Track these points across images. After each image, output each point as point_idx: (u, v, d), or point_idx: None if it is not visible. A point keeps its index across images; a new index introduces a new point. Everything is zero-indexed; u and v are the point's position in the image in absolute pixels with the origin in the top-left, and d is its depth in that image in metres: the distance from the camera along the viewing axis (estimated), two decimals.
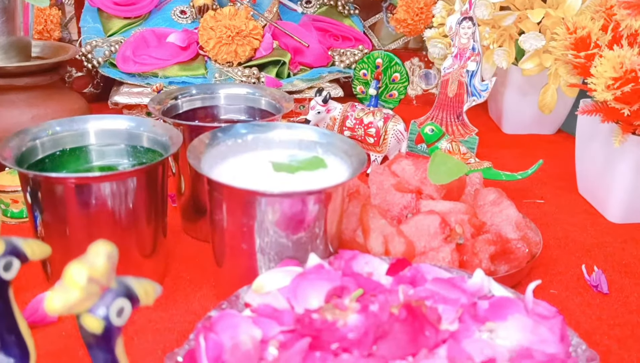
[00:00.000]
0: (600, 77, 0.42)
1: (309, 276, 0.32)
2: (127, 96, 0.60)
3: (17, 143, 0.39)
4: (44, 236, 0.38)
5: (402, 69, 0.66)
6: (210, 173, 0.38)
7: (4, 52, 0.54)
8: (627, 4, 0.41)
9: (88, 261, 0.20)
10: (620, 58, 0.41)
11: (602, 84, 0.42)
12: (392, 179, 0.46)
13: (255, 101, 0.51)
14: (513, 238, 0.41)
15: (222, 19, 0.61)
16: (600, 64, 0.42)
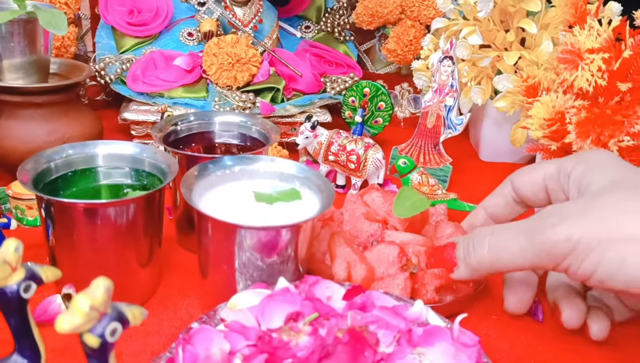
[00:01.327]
0: (535, 118, 0.48)
1: (275, 298, 0.37)
2: (135, 113, 0.66)
3: (33, 165, 0.45)
4: (54, 245, 0.44)
5: (387, 98, 0.72)
6: (199, 201, 0.44)
7: (24, 70, 0.60)
8: (563, 60, 0.47)
9: (90, 293, 0.26)
10: (552, 102, 0.47)
11: (536, 123, 0.48)
12: (363, 208, 0.52)
13: (248, 128, 0.57)
14: None
15: (224, 46, 0.67)
16: (537, 107, 0.48)
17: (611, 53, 0.45)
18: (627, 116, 0.45)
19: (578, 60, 0.46)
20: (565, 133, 0.47)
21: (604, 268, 0.35)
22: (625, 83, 0.45)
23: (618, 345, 0.46)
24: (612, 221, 0.35)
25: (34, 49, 0.59)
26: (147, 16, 0.73)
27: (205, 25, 0.70)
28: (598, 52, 0.45)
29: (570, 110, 0.46)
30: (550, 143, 0.48)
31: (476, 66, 0.68)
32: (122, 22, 0.73)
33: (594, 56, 0.45)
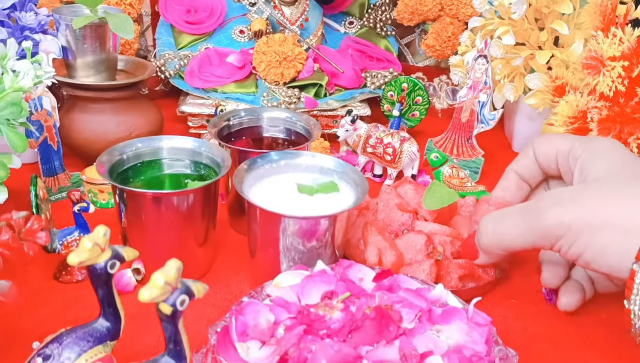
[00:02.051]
0: (560, 116, 0.52)
1: (313, 278, 0.43)
2: (191, 106, 0.72)
3: (108, 158, 0.52)
4: (126, 226, 0.51)
5: (424, 93, 0.76)
6: (249, 192, 0.50)
7: (95, 68, 0.67)
8: (587, 65, 0.50)
9: (165, 271, 0.32)
10: (577, 101, 0.51)
11: (560, 120, 0.52)
12: (396, 199, 0.57)
13: (293, 124, 0.62)
14: None
15: (273, 45, 0.72)
16: (562, 105, 0.52)
17: (631, 61, 0.48)
18: None
19: (600, 66, 0.49)
20: (588, 131, 0.50)
21: (589, 252, 0.39)
22: None
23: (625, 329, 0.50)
24: (601, 210, 0.39)
25: (103, 49, 0.66)
26: (202, 15, 0.79)
27: (256, 24, 0.75)
28: (619, 60, 0.48)
29: (592, 110, 0.50)
30: None
31: (509, 64, 0.71)
32: (180, 21, 0.79)
33: (615, 63, 0.49)
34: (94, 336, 0.36)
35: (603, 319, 0.50)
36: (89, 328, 0.36)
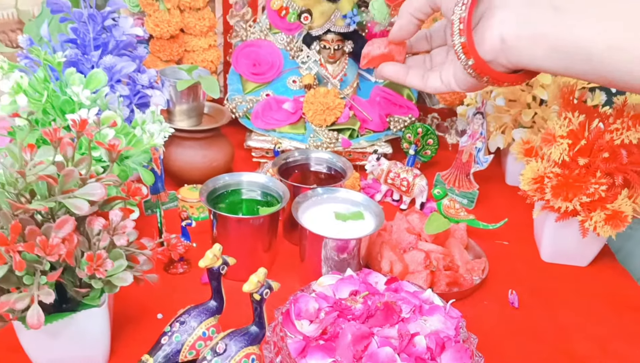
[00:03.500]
0: (525, 177, 0.71)
1: (344, 281, 0.63)
2: (255, 142, 0.93)
3: (205, 189, 0.73)
4: (217, 235, 0.72)
5: (435, 136, 0.95)
6: (301, 217, 0.70)
7: (188, 114, 0.88)
8: (543, 139, 0.69)
9: (257, 273, 0.53)
10: (537, 167, 0.70)
11: (526, 180, 0.71)
12: (405, 224, 0.76)
13: (333, 163, 0.82)
14: (462, 273, 0.71)
15: (318, 96, 0.92)
16: (527, 169, 0.71)
17: (574, 140, 0.67)
18: (584, 183, 0.67)
19: (553, 140, 0.68)
20: (544, 191, 0.69)
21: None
22: (584, 159, 0.67)
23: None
24: None
25: (195, 100, 0.87)
26: (265, 67, 0.99)
27: (306, 79, 0.95)
28: (566, 138, 0.67)
29: (548, 174, 0.69)
30: (535, 195, 0.71)
31: (501, 119, 0.90)
32: (247, 72, 0.99)
33: (563, 140, 0.67)
34: (208, 311, 0.57)
35: (550, 317, 0.69)
36: (205, 306, 0.57)
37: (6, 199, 0.49)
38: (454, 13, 0.59)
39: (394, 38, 0.69)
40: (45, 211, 0.50)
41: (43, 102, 0.59)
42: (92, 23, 0.80)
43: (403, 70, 0.70)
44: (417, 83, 0.70)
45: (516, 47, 0.57)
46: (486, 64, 0.60)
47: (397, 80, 0.71)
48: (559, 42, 0.55)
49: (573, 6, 0.54)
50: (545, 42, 0.56)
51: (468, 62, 0.61)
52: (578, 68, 0.56)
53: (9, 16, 1.06)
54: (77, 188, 0.52)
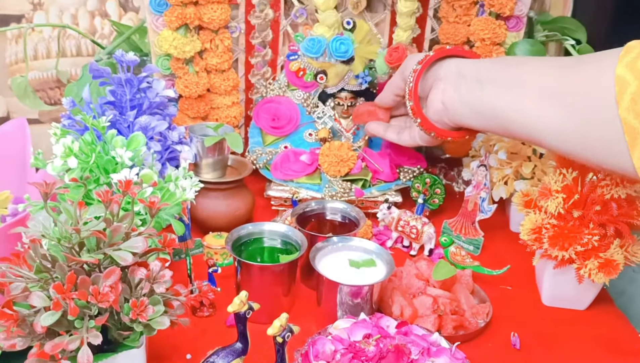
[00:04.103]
0: (525, 228, 0.76)
1: (358, 324, 0.68)
2: (275, 191, 1.00)
3: (230, 238, 0.79)
4: (240, 280, 0.78)
5: (442, 186, 1.01)
6: (318, 264, 0.76)
7: (213, 167, 0.94)
8: (541, 193, 0.75)
9: (280, 318, 0.58)
10: (536, 218, 0.75)
11: (525, 231, 0.76)
12: (415, 270, 0.82)
13: (347, 212, 0.89)
14: (468, 316, 0.76)
15: (333, 149, 0.99)
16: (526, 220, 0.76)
17: (569, 194, 0.73)
18: (578, 233, 0.73)
19: (549, 194, 0.74)
20: (542, 242, 0.75)
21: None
22: (578, 211, 0.73)
23: None
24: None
25: (220, 153, 0.94)
26: (283, 122, 1.06)
27: (322, 133, 1.03)
28: (560, 192, 0.73)
29: (546, 226, 0.74)
30: (534, 244, 0.76)
31: (503, 171, 0.96)
32: (267, 126, 1.07)
33: (558, 194, 0.73)
34: (235, 352, 0.62)
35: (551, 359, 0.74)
36: (232, 347, 0.63)
37: (62, 252, 0.56)
38: (407, 84, 0.84)
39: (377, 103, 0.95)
40: (95, 262, 0.56)
41: (91, 163, 0.67)
42: (129, 86, 0.88)
43: (382, 128, 0.95)
44: (393, 138, 0.94)
45: (452, 110, 0.79)
46: (431, 123, 0.83)
47: (377, 135, 0.96)
48: (478, 106, 0.75)
49: (489, 80, 0.73)
50: (469, 105, 0.76)
51: (417, 120, 0.84)
52: (493, 126, 0.75)
53: (48, 76, 1.15)
54: (122, 241, 0.59)
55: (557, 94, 0.64)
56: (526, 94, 0.67)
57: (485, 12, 0.99)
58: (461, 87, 0.76)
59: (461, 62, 0.78)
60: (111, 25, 1.09)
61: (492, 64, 0.75)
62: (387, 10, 1.09)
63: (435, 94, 0.81)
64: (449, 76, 0.78)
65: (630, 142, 0.55)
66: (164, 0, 0.94)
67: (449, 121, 0.81)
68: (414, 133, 0.87)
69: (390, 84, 0.89)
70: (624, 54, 0.57)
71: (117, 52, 0.88)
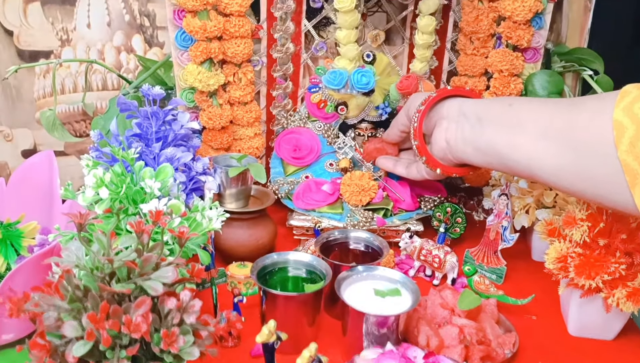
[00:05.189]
0: (550, 257, 0.76)
1: (384, 355, 0.68)
2: (297, 221, 1.00)
3: (255, 267, 0.79)
4: (265, 310, 0.77)
5: (463, 215, 1.01)
6: (344, 294, 0.75)
7: (236, 197, 0.95)
8: (565, 222, 0.74)
9: (309, 348, 0.58)
10: (561, 247, 0.75)
11: (550, 260, 0.75)
12: (439, 299, 0.81)
13: (370, 241, 0.88)
14: (495, 347, 0.75)
15: (354, 179, 1.00)
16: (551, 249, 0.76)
17: (594, 222, 0.72)
18: (605, 262, 0.72)
19: (574, 222, 0.73)
20: (567, 270, 0.74)
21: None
22: (603, 240, 0.72)
23: None
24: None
25: (244, 184, 0.95)
26: (304, 152, 1.07)
27: (343, 163, 1.03)
28: (585, 221, 0.72)
29: (571, 254, 0.74)
30: (559, 273, 0.75)
31: (524, 200, 0.95)
32: (288, 156, 1.08)
33: (583, 223, 0.72)
34: None
35: None
36: None
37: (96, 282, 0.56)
38: (411, 123, 0.87)
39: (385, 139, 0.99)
40: (127, 292, 0.56)
41: (121, 194, 0.67)
42: (155, 119, 0.90)
43: (391, 162, 0.99)
44: (402, 172, 0.98)
45: (455, 147, 0.82)
46: (436, 160, 0.86)
47: (388, 169, 1.00)
48: (480, 144, 0.78)
49: (489, 119, 0.76)
50: (471, 143, 0.79)
51: (422, 158, 0.87)
52: (494, 163, 0.78)
53: (75, 110, 1.18)
54: (152, 271, 0.59)
55: (555, 134, 0.67)
56: (525, 133, 0.70)
57: (503, 45, 1.00)
58: (463, 125, 0.79)
59: (463, 102, 0.81)
60: (137, 61, 1.11)
61: (492, 103, 0.79)
62: (405, 43, 1.10)
63: (439, 132, 0.83)
64: (452, 115, 0.81)
65: (631, 181, 0.57)
66: (189, 36, 0.96)
67: (452, 158, 0.83)
68: (420, 168, 0.90)
69: (395, 121, 0.93)
70: (620, 98, 0.60)
71: (143, 87, 0.90)
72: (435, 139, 0.84)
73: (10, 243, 0.88)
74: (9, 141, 1.16)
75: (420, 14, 0.96)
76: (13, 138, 1.16)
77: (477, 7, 0.98)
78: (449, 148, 0.83)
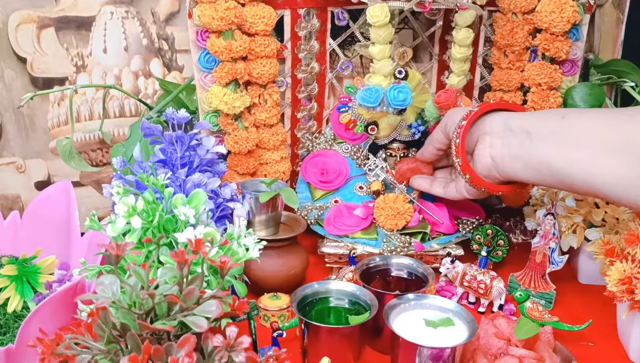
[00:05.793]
0: (612, 278, 0.70)
1: None
2: (329, 248, 0.95)
3: (295, 297, 0.74)
4: (307, 344, 0.72)
5: (505, 237, 0.96)
6: (392, 322, 0.70)
7: (266, 224, 0.90)
8: (627, 240, 0.69)
9: None
10: (624, 268, 0.69)
11: (612, 282, 0.70)
12: (493, 329, 0.76)
13: (414, 268, 0.83)
14: None
15: (388, 202, 0.95)
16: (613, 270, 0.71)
17: None
18: None
19: (637, 241, 0.69)
20: (633, 291, 0.69)
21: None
22: None
23: None
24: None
25: (274, 210, 0.90)
26: (332, 176, 1.03)
27: (374, 185, 0.99)
28: None
29: (636, 275, 0.69)
30: (623, 296, 0.70)
31: (572, 219, 0.91)
32: (315, 180, 1.03)
33: None
34: None
35: None
36: None
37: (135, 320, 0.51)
38: (452, 140, 0.83)
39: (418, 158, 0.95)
40: (170, 330, 0.51)
41: (155, 223, 0.63)
42: (180, 144, 0.86)
43: (427, 182, 0.94)
44: (439, 191, 0.93)
45: (502, 165, 0.78)
46: (480, 178, 0.81)
47: (423, 189, 0.94)
48: (531, 160, 0.74)
49: (540, 133, 0.72)
50: (521, 160, 0.75)
51: (465, 176, 0.83)
52: (547, 180, 0.74)
53: (91, 138, 1.14)
54: (195, 306, 0.54)
55: (618, 147, 0.64)
56: (582, 147, 0.67)
57: (538, 57, 0.97)
58: (510, 141, 0.76)
59: (507, 116, 0.78)
60: (159, 84, 1.08)
61: (542, 116, 0.75)
62: (433, 59, 1.07)
63: (482, 148, 0.80)
64: (496, 130, 0.77)
65: None
66: (213, 57, 0.92)
67: (499, 175, 0.79)
68: (460, 186, 0.86)
69: (431, 139, 0.89)
70: None
71: (167, 110, 0.86)
72: (478, 156, 0.81)
73: (26, 279, 0.83)
74: (22, 173, 1.12)
75: (457, 27, 0.92)
76: (26, 169, 1.12)
77: (511, 20, 0.95)
78: (495, 164, 0.79)
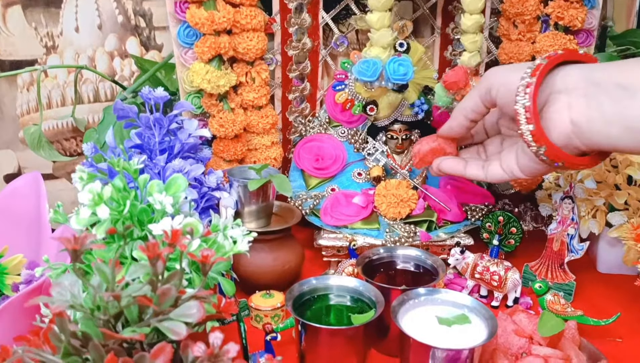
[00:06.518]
0: None
1: None
2: (326, 240, 0.86)
3: (290, 295, 0.66)
4: (305, 347, 0.64)
5: (518, 224, 0.88)
6: (401, 321, 0.62)
7: (256, 215, 0.82)
8: None
9: None
10: None
11: None
12: (512, 325, 0.68)
13: (422, 260, 0.75)
14: None
15: (390, 188, 0.87)
16: None
17: None
18: None
19: None
20: None
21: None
22: None
23: None
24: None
25: (265, 199, 0.82)
26: (328, 162, 0.94)
27: (374, 171, 0.90)
28: None
29: None
30: None
31: (592, 203, 0.83)
32: (310, 167, 0.95)
33: None
34: None
35: None
36: None
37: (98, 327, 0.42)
38: (517, 103, 0.61)
39: (442, 135, 0.76)
40: (141, 339, 0.43)
41: (125, 213, 0.54)
42: (158, 127, 0.77)
43: (461, 163, 0.75)
44: (477, 174, 0.74)
45: (589, 130, 0.59)
46: (560, 150, 0.61)
47: (456, 173, 0.76)
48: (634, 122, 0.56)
49: None
50: (620, 121, 0.57)
51: (540, 149, 0.62)
52: None
53: (64, 125, 1.05)
54: (171, 309, 0.46)
55: None
56: None
57: (550, 27, 0.89)
58: (600, 99, 0.58)
59: (588, 68, 0.60)
60: (135, 64, 0.99)
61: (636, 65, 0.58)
62: (436, 33, 0.99)
63: (556, 111, 0.61)
64: (575, 87, 0.60)
65: None
66: (194, 30, 0.84)
67: (582, 144, 0.61)
68: (510, 164, 0.68)
69: (462, 108, 0.71)
70: None
71: (143, 90, 0.78)
72: (551, 121, 0.62)
73: None
74: None
75: None
76: None
77: None
78: (577, 131, 0.60)
